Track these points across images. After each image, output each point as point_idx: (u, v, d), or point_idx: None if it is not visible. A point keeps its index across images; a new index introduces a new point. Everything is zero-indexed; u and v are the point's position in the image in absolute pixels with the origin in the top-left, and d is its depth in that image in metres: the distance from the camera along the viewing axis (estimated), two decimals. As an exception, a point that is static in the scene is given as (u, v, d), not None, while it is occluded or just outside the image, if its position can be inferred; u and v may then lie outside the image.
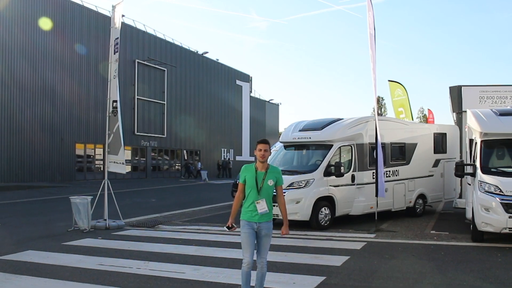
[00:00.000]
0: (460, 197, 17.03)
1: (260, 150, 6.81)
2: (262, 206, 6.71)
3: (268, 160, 7.01)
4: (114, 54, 15.60)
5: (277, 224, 6.66)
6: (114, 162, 15.50)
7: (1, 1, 35.11)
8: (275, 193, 7.03)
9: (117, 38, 15.64)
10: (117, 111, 15.24)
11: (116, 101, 15.31)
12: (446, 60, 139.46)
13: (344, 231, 14.19)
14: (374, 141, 14.74)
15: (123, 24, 44.32)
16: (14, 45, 36.28)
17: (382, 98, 74.21)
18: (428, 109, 37.41)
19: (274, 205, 7.05)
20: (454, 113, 20.15)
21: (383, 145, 15.91)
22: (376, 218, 14.79)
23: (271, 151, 7.87)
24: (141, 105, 48.65)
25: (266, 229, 6.78)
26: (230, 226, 6.85)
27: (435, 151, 18.35)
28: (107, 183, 14.91)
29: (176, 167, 54.77)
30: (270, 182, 6.82)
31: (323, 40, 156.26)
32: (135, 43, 47.99)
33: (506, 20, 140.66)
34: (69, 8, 40.97)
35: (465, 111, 16.01)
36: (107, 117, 15.52)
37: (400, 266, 9.69)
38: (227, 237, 12.98)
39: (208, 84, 59.60)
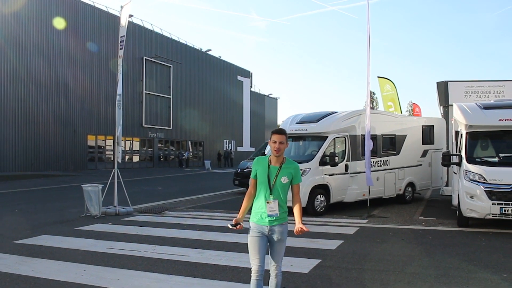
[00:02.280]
0: (447, 185, 17.05)
1: (275, 142, 5.36)
2: (272, 207, 5.33)
3: (266, 150, 6.11)
4: (120, 50, 15.58)
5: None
6: (119, 152, 15.48)
7: (18, 2, 35.05)
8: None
9: (123, 36, 15.59)
10: (120, 104, 15.24)
11: (119, 95, 15.27)
12: (434, 57, 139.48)
13: (339, 217, 14.16)
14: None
15: (132, 23, 44.91)
16: (30, 43, 36.26)
17: (373, 92, 74.03)
18: (413, 103, 37.11)
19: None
20: (441, 107, 20.16)
21: (375, 137, 15.88)
22: (368, 204, 14.79)
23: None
24: (149, 99, 48.66)
25: (279, 233, 5.39)
26: (236, 223, 5.34)
27: (423, 142, 18.30)
28: (117, 172, 14.87)
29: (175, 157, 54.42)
30: (284, 180, 5.39)
31: (319, 39, 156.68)
32: (143, 42, 47.93)
33: (489, 20, 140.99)
34: (81, 8, 40.94)
35: (451, 105, 15.96)
36: (116, 111, 15.48)
37: (391, 250, 9.66)
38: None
39: (211, 79, 59.52)
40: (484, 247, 9.90)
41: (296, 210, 5.47)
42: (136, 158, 48.13)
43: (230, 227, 5.33)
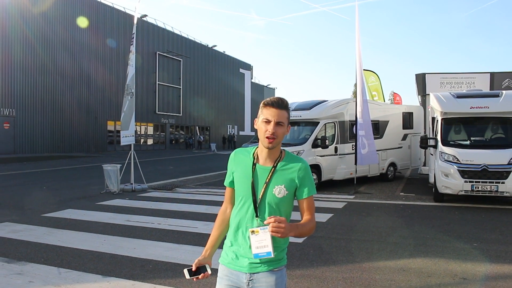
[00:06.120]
0: (424, 165, 16.97)
1: (268, 121, 2.57)
2: (260, 242, 2.47)
3: None
4: (131, 46, 15.45)
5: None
6: (125, 136, 15.19)
7: (46, 3, 34.82)
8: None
9: (134, 33, 15.45)
10: (127, 92, 15.10)
11: (127, 85, 15.10)
12: (413, 52, 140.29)
13: (329, 193, 14.10)
14: (354, 119, 14.63)
15: (147, 22, 45.19)
16: (57, 39, 36.13)
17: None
18: (394, 93, 37.00)
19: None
20: (419, 96, 20.03)
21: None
22: (355, 182, 14.73)
23: None
24: (161, 89, 48.57)
25: (269, 286, 2.58)
26: (196, 269, 2.68)
27: (404, 127, 18.24)
28: (133, 154, 14.79)
29: (182, 140, 54.21)
30: (279, 191, 2.60)
31: (312, 36, 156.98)
32: (156, 38, 47.72)
33: (462, 19, 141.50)
34: (102, 9, 40.79)
35: (429, 94, 15.92)
36: (123, 99, 15.37)
37: (375, 222, 9.62)
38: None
39: (216, 71, 59.30)
40: (458, 220, 9.86)
41: (306, 229, 2.59)
42: (150, 141, 48.17)
43: (188, 276, 2.68)
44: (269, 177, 2.62)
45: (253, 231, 2.50)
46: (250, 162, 2.69)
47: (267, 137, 2.56)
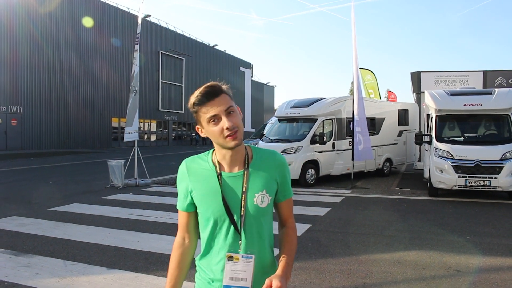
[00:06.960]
0: (419, 160, 16.98)
1: (215, 117, 1.93)
2: (238, 272, 1.87)
3: (265, 130, 2.04)
4: (136, 45, 15.41)
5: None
6: (128, 133, 15.15)
7: (53, 3, 34.77)
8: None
9: (138, 32, 15.43)
10: (131, 90, 15.07)
11: (133, 83, 15.07)
12: (408, 51, 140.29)
13: (326, 187, 14.11)
14: (351, 116, 14.60)
15: (150, 22, 45.23)
16: (63, 38, 36.06)
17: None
18: (388, 91, 36.90)
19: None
20: (414, 93, 19.97)
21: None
22: (352, 177, 14.73)
23: (268, 123, 2.82)
24: (164, 87, 48.53)
25: None
26: None
27: (399, 124, 18.21)
28: (137, 149, 14.78)
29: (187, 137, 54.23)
30: (262, 200, 1.94)
31: (310, 35, 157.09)
32: (159, 38, 47.63)
33: (456, 19, 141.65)
34: (106, 9, 40.70)
35: (423, 92, 15.86)
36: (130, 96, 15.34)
37: (371, 216, 9.61)
38: None
39: (217, 70, 59.21)
40: (451, 214, 9.85)
41: (285, 244, 2.15)
42: (153, 138, 48.13)
43: None
44: (244, 186, 1.96)
45: (231, 257, 1.90)
46: (213, 173, 2.00)
47: (228, 136, 1.90)
